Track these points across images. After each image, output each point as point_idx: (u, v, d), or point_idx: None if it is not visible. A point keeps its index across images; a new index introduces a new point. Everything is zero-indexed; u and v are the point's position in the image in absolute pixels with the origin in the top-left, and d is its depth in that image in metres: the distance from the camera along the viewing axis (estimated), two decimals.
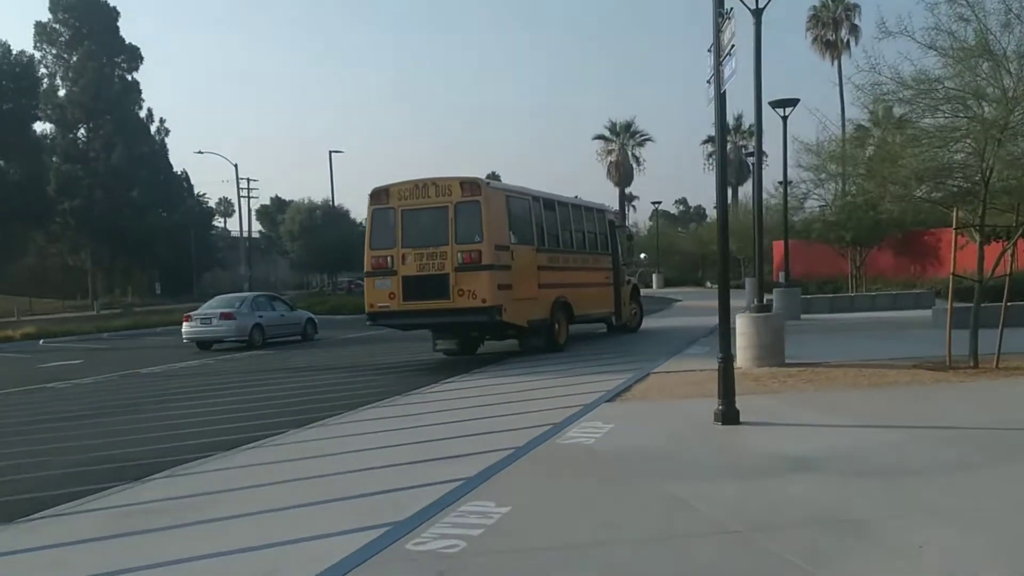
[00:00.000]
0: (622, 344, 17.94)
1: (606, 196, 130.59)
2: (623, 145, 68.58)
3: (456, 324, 15.71)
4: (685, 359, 13.75)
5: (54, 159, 60.88)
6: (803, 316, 21.83)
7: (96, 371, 18.11)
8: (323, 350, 21.15)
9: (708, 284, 50.63)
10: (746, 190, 56.84)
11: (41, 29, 66.50)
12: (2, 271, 50.31)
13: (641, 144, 69.59)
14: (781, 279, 41.79)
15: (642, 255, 25.73)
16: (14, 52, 57.68)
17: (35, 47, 66.04)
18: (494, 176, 79.15)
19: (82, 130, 65.65)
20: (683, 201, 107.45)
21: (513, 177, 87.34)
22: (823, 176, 19.58)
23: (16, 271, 55.40)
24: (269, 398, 12.59)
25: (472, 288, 14.62)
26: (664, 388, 10.52)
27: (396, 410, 10.33)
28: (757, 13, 14.92)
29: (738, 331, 11.59)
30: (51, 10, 66.60)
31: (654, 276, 53.86)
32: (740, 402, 8.13)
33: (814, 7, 53.57)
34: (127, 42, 68.35)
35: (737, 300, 29.60)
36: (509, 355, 16.52)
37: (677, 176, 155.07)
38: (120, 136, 64.11)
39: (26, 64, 57.52)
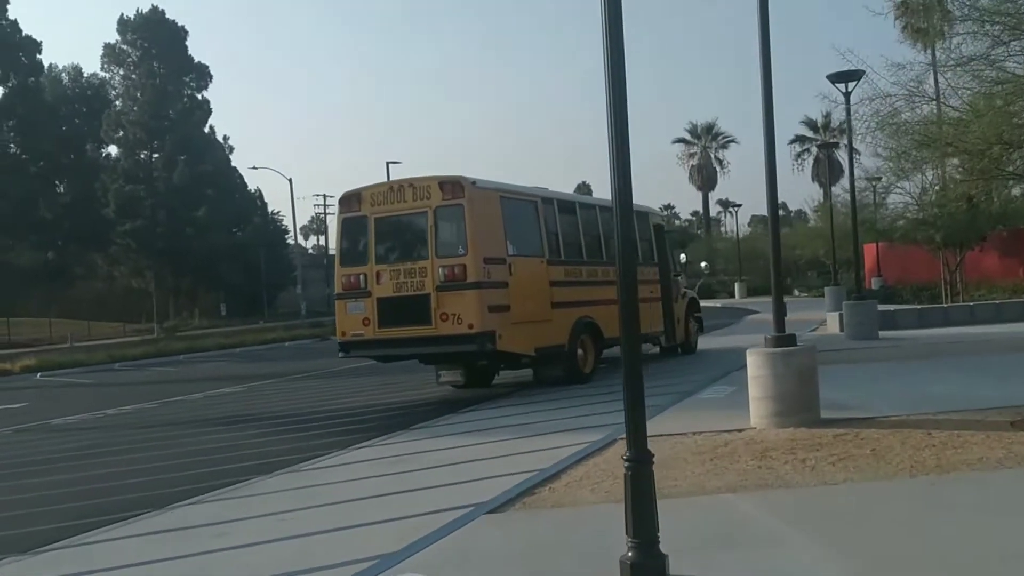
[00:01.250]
0: (660, 372, 15.07)
1: (689, 201, 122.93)
2: (705, 148, 65.58)
3: (441, 355, 12.88)
4: (698, 407, 10.53)
5: (115, 180, 60.17)
6: (883, 333, 18.18)
7: (14, 420, 15.34)
8: (336, 380, 18.36)
9: (796, 292, 46.73)
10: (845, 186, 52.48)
11: (109, 50, 66.46)
12: (61, 295, 49.80)
13: (724, 146, 66.45)
14: (875, 285, 37.45)
15: (702, 264, 22.10)
16: (85, 74, 57.90)
17: (102, 68, 65.88)
18: (584, 188, 75.27)
19: (145, 150, 64.95)
20: (783, 206, 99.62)
21: (600, 188, 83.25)
22: (907, 165, 15.97)
23: (77, 294, 55.09)
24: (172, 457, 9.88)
25: (457, 311, 12.05)
26: (616, 472, 6.49)
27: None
28: None
29: (749, 374, 8.39)
30: (119, 31, 66.50)
31: (736, 285, 50.56)
32: (703, 516, 5.20)
33: None
34: (196, 61, 67.53)
35: (812, 311, 26.17)
36: (523, 387, 14.06)
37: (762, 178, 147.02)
38: (185, 154, 63.37)
39: (97, 86, 57.46)
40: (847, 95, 15.82)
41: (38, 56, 49.50)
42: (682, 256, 19.01)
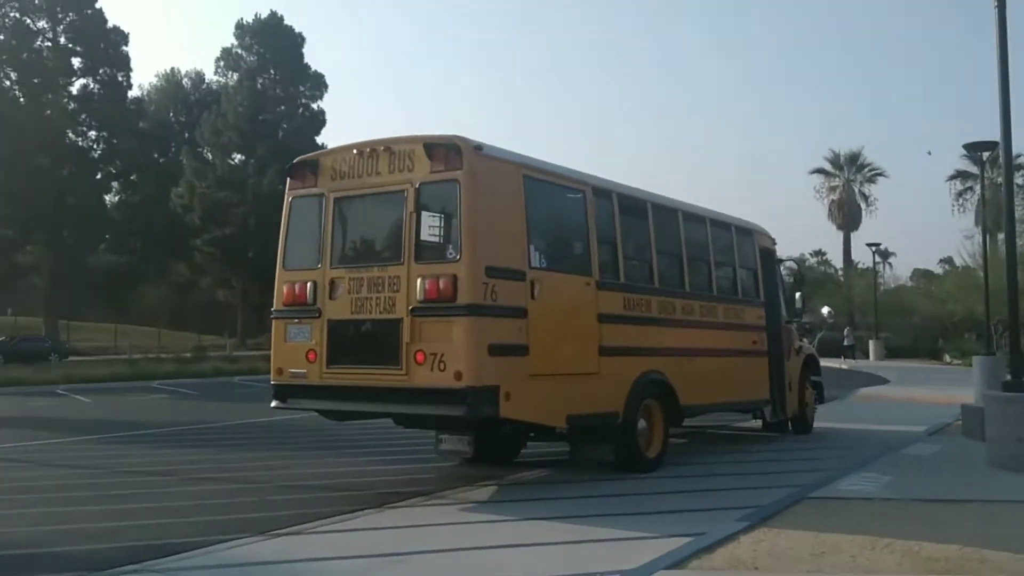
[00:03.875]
0: (765, 461, 10.46)
1: (823, 240, 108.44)
2: (848, 181, 57.68)
3: (413, 419, 8.22)
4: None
5: (207, 184, 57.66)
6: None
7: None
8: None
9: (947, 359, 39.37)
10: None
11: (225, 54, 64.58)
12: (132, 302, 47.33)
13: (871, 180, 58.30)
14: None
15: (824, 310, 16.07)
16: (206, 80, 55.75)
17: (215, 72, 64.08)
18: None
19: (242, 155, 62.29)
20: (949, 260, 76.04)
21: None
22: None
23: (150, 303, 52.74)
24: None
25: (439, 349, 7.73)
26: None
27: None
28: None
29: None
30: (236, 35, 64.58)
31: (871, 344, 42.53)
32: None
33: None
34: (312, 70, 64.73)
35: (959, 389, 20.00)
36: (560, 463, 9.81)
37: (918, 222, 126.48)
38: (279, 162, 60.15)
39: (216, 91, 55.39)
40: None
41: (124, 48, 47.18)
42: (798, 296, 13.58)
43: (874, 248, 46.31)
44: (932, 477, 9.06)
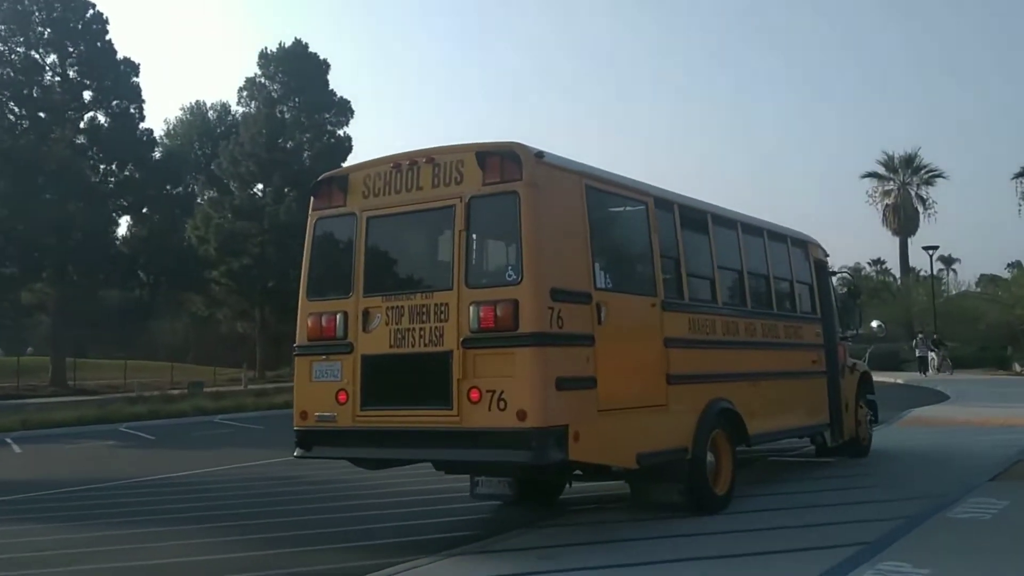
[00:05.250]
0: (834, 490, 9.69)
1: (883, 249, 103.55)
2: (903, 184, 55.37)
3: (470, 466, 7.18)
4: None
5: (222, 215, 56.83)
6: None
7: None
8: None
9: (1018, 368, 36.72)
10: None
11: (249, 84, 63.85)
12: (144, 337, 46.39)
13: (928, 182, 55.79)
14: None
15: (874, 324, 14.73)
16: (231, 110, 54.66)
17: (239, 102, 63.21)
18: None
19: (260, 184, 61.43)
20: (1017, 264, 68.37)
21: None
22: None
23: (169, 337, 51.79)
24: None
25: (498, 386, 6.85)
26: None
27: None
28: None
29: None
30: (260, 65, 63.88)
31: (932, 356, 39.51)
32: None
33: None
34: (338, 96, 63.81)
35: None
36: (608, 507, 8.95)
37: (983, 224, 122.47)
38: (297, 189, 59.21)
39: (240, 122, 54.47)
40: None
41: (134, 79, 46.49)
42: (854, 310, 12.57)
43: (932, 252, 43.62)
44: (991, 569, 6.22)
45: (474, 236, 7.17)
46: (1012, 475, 10.05)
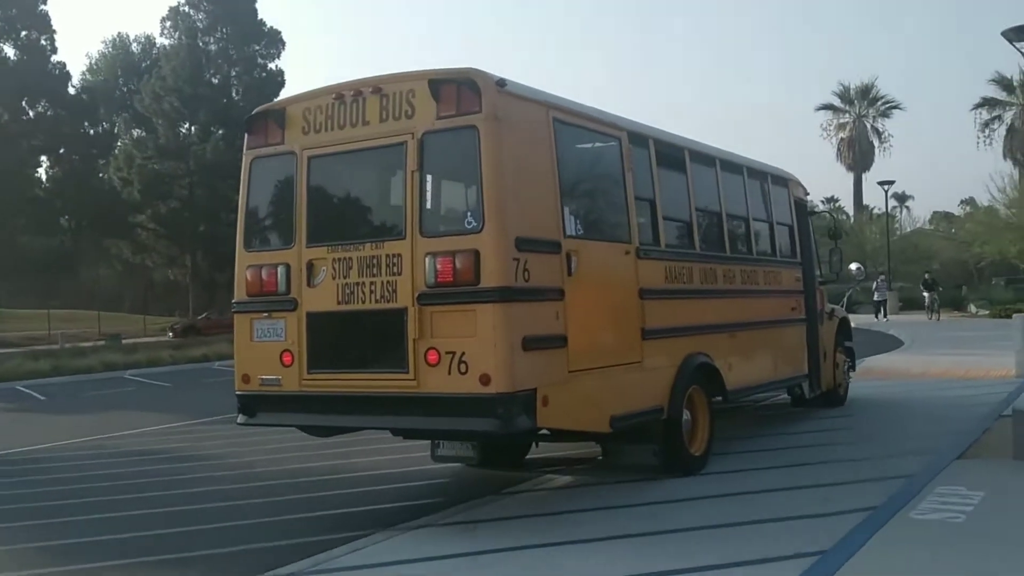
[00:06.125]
0: (814, 446, 9.11)
1: (837, 186, 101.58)
2: (859, 116, 54.25)
3: (426, 433, 6.50)
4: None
5: (147, 157, 54.20)
6: None
7: None
8: None
9: (972, 309, 36.06)
10: None
11: (173, 14, 60.38)
12: (67, 287, 44.33)
13: (885, 114, 54.77)
14: None
15: (853, 266, 14.03)
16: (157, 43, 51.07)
17: (162, 34, 59.82)
18: None
19: (185, 123, 58.61)
20: (971, 201, 63.33)
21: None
22: None
23: (99, 285, 49.60)
24: None
25: (458, 347, 6.15)
26: None
27: None
28: None
29: None
30: None
31: (887, 296, 38.23)
32: None
33: None
34: (268, 26, 60.56)
35: (993, 351, 16.13)
36: (576, 465, 8.40)
37: (938, 160, 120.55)
38: (224, 127, 56.53)
39: (162, 56, 51.25)
40: None
41: (42, 7, 43.71)
42: (836, 252, 12.13)
43: (887, 187, 42.45)
44: None
45: (429, 177, 6.44)
46: (986, 446, 8.41)
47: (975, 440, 8.67)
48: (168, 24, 59.93)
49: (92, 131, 52.39)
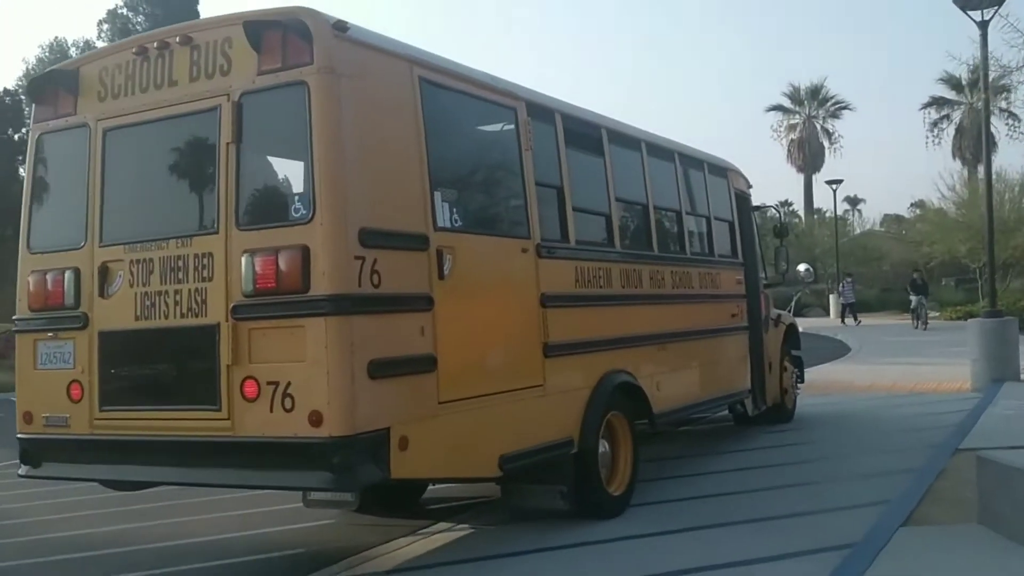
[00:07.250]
0: (750, 475, 7.84)
1: (788, 189, 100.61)
2: (809, 117, 54.11)
3: (247, 488, 5.04)
4: None
5: None
6: None
7: None
8: None
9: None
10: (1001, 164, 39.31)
11: (112, 16, 58.14)
12: None
13: (835, 115, 54.70)
14: None
15: (801, 267, 12.59)
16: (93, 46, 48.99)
17: (99, 38, 57.29)
18: None
19: None
20: (920, 204, 61.80)
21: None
22: None
23: None
24: None
25: (282, 375, 4.62)
26: None
27: None
28: None
29: None
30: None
31: (832, 300, 37.55)
32: None
33: None
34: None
35: (944, 360, 14.04)
36: (478, 509, 6.87)
37: (889, 161, 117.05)
38: None
39: None
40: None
41: None
42: (782, 252, 10.91)
43: (835, 187, 41.64)
44: None
45: (247, 152, 4.89)
46: (943, 499, 6.40)
47: (929, 486, 6.82)
48: (105, 27, 57.89)
49: (16, 136, 50.04)
